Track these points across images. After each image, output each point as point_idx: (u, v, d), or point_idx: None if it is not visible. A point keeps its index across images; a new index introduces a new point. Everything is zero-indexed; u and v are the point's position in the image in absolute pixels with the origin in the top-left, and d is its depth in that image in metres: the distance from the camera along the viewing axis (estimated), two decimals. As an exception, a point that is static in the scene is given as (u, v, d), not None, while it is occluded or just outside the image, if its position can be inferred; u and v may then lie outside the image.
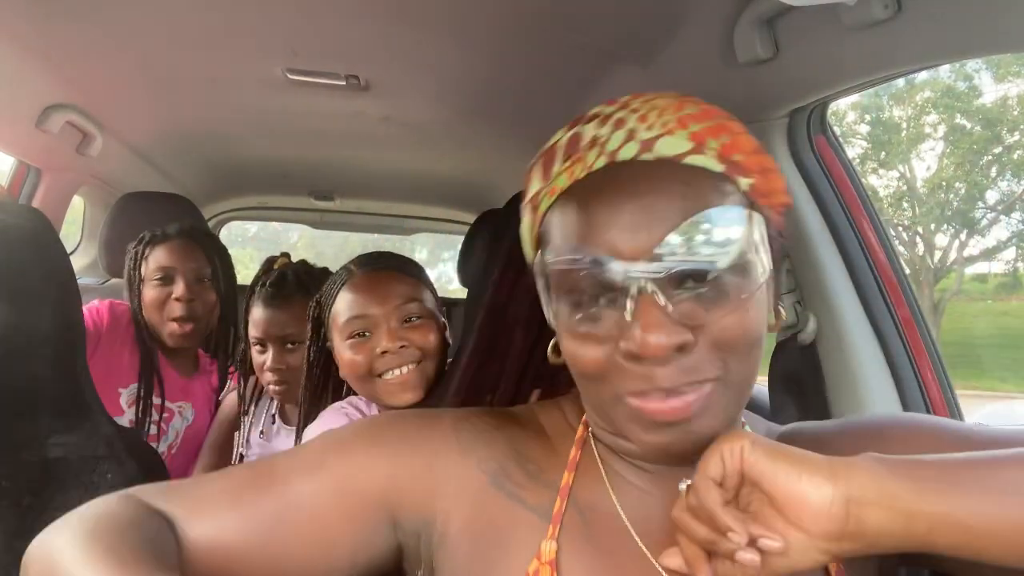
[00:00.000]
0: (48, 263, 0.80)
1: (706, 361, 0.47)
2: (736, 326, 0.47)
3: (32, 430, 0.78)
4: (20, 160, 1.73)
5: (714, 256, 0.46)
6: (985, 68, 11.79)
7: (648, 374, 0.46)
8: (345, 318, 1.03)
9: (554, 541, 0.52)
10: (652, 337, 0.45)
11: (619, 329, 0.47)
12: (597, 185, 0.49)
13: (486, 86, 1.45)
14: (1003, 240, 13.16)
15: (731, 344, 0.47)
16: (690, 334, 0.46)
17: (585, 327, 0.49)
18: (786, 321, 1.16)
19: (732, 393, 0.49)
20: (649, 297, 0.45)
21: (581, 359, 0.50)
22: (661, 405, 0.47)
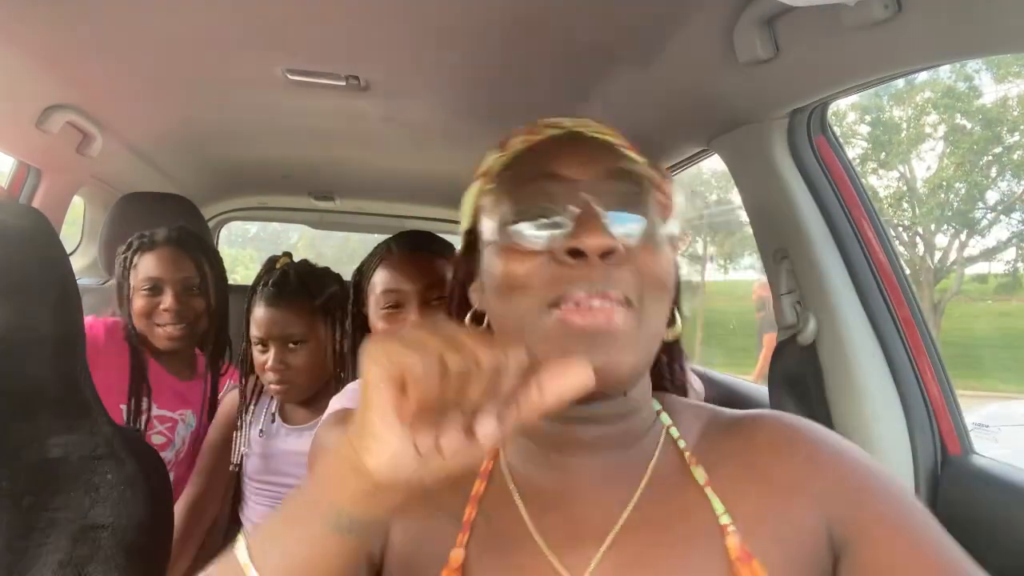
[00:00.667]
0: (48, 263, 0.80)
1: (627, 281, 0.52)
2: (653, 261, 0.54)
3: (32, 430, 0.78)
4: (20, 160, 1.73)
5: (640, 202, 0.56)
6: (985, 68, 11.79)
7: (581, 274, 0.51)
8: (380, 290, 1.14)
9: (462, 548, 0.55)
10: (593, 237, 0.51)
11: (557, 241, 0.53)
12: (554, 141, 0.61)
13: (486, 86, 1.45)
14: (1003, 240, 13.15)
15: (648, 274, 0.53)
16: (621, 245, 0.52)
17: (525, 241, 0.54)
18: (786, 321, 1.17)
19: (644, 333, 0.53)
20: (591, 207, 0.53)
21: (513, 272, 0.54)
22: (582, 314, 0.51)
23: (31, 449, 0.77)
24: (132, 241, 1.47)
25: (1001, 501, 0.89)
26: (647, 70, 1.19)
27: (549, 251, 0.53)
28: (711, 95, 1.13)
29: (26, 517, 0.74)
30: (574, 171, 0.56)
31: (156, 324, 1.44)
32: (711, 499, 0.54)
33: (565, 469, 0.57)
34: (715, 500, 0.54)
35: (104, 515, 0.77)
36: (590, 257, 0.51)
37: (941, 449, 1.02)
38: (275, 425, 1.42)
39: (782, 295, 1.17)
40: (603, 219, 0.52)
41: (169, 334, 1.44)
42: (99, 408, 0.84)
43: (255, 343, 1.35)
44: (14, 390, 0.77)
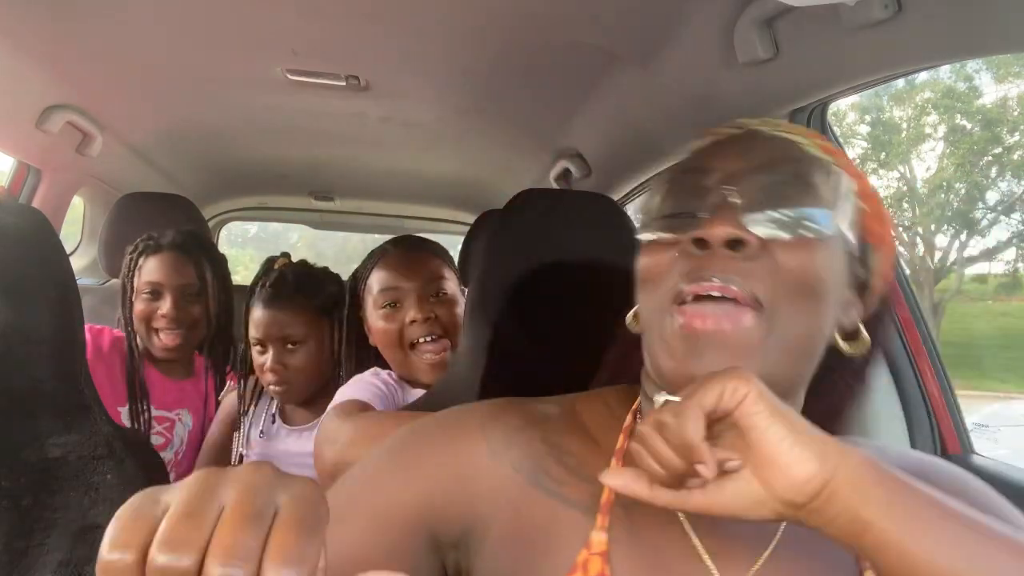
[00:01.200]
0: (48, 263, 0.80)
1: (759, 277, 0.48)
2: (797, 259, 0.49)
3: (31, 430, 0.78)
4: (20, 160, 1.73)
5: (795, 193, 0.50)
6: (985, 68, 11.79)
7: (701, 265, 0.49)
8: (378, 290, 1.16)
9: (604, 532, 0.51)
10: (718, 225, 0.48)
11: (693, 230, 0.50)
12: (719, 140, 0.58)
13: (486, 86, 1.45)
14: (1003, 240, 13.15)
15: (788, 274, 0.49)
16: (753, 237, 0.48)
17: (662, 233, 0.52)
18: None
19: (775, 343, 0.49)
20: (728, 201, 0.50)
21: (648, 265, 0.53)
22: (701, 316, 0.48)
23: (31, 449, 0.77)
24: (139, 243, 1.47)
25: (1001, 501, 0.89)
26: (647, 70, 1.19)
27: (681, 245, 0.51)
28: (711, 95, 1.13)
29: (26, 517, 0.74)
30: (723, 163, 0.53)
31: (154, 329, 1.44)
32: None
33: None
34: None
35: (104, 515, 0.77)
36: (715, 247, 0.48)
37: (941, 449, 1.02)
38: (275, 426, 1.42)
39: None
40: (738, 209, 0.49)
41: (165, 343, 1.44)
42: (99, 408, 0.84)
43: (254, 344, 1.35)
44: (14, 390, 0.77)
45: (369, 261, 1.21)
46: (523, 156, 1.97)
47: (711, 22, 0.97)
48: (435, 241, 1.26)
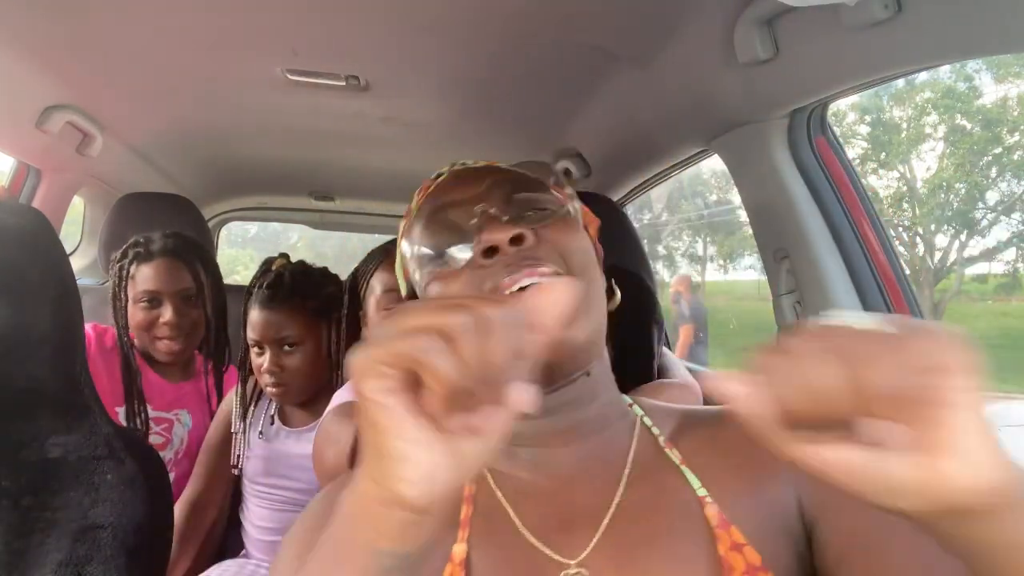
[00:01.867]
0: (48, 263, 0.80)
1: (547, 257, 0.55)
2: (566, 236, 0.58)
3: (31, 430, 0.78)
4: (20, 160, 1.73)
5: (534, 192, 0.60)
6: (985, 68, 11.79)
7: (500, 266, 0.54)
8: (381, 291, 1.15)
9: (464, 544, 0.56)
10: (495, 232, 0.55)
11: (471, 251, 0.56)
12: (441, 183, 0.65)
13: (486, 86, 1.45)
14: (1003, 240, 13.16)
15: (565, 247, 0.57)
16: (527, 230, 0.55)
17: (445, 266, 0.58)
18: (786, 321, 1.17)
19: (588, 303, 0.56)
20: (487, 211, 0.57)
21: (447, 293, 0.58)
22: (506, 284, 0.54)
23: (31, 449, 0.77)
24: (127, 250, 1.45)
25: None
26: (647, 70, 1.19)
27: (470, 264, 0.56)
28: (711, 95, 1.13)
29: (26, 517, 0.74)
30: (465, 192, 0.61)
31: (156, 337, 1.44)
32: (687, 475, 0.57)
33: (544, 462, 0.59)
34: (691, 476, 0.57)
35: (104, 515, 0.77)
36: (502, 248, 0.55)
37: (941, 449, 1.02)
38: (274, 427, 1.42)
39: (782, 295, 1.17)
40: (500, 217, 0.56)
41: (169, 348, 1.45)
42: (99, 408, 0.84)
43: (251, 345, 1.35)
44: (14, 390, 0.77)
45: (372, 260, 1.20)
46: (523, 156, 1.96)
47: (711, 22, 0.97)
48: None
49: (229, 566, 1.38)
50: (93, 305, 1.76)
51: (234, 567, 1.37)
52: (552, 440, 0.59)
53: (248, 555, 1.44)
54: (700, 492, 0.56)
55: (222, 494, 1.47)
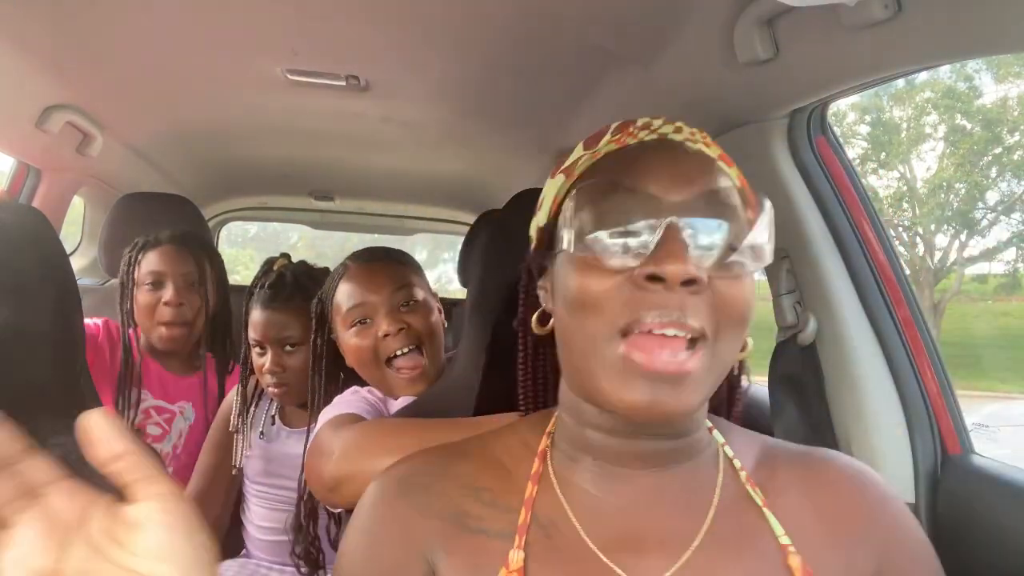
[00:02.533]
0: (48, 263, 0.80)
1: (704, 313, 0.50)
2: (736, 295, 0.51)
3: (31, 430, 0.78)
4: (20, 160, 1.73)
5: (730, 229, 0.52)
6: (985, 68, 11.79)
7: (660, 300, 0.49)
8: (346, 308, 1.10)
9: (521, 551, 0.53)
10: (676, 263, 0.48)
11: (636, 259, 0.50)
12: (646, 150, 0.56)
13: (486, 86, 1.44)
14: (1003, 240, 13.16)
15: (728, 308, 0.51)
16: (704, 275, 0.49)
17: (606, 257, 0.51)
18: (786, 321, 1.17)
19: (715, 369, 0.52)
20: (676, 230, 0.50)
21: (589, 289, 0.51)
22: (652, 352, 0.49)
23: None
24: (138, 241, 1.51)
25: (1001, 501, 0.89)
26: (647, 70, 1.19)
27: (627, 272, 0.50)
28: (711, 95, 1.13)
29: (26, 517, 0.74)
30: (663, 188, 0.52)
31: (157, 322, 1.47)
32: (770, 520, 0.55)
33: (629, 481, 0.57)
34: (774, 521, 0.55)
35: (104, 515, 0.77)
36: (670, 283, 0.49)
37: (941, 449, 1.02)
38: (275, 428, 1.42)
39: (782, 295, 1.17)
40: (688, 246, 0.50)
41: (170, 334, 1.47)
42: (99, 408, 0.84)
43: (253, 345, 1.35)
44: (14, 390, 0.77)
45: (331, 280, 1.16)
46: (523, 156, 1.96)
47: (711, 22, 0.97)
48: (397, 249, 1.21)
49: (230, 566, 1.38)
50: (93, 305, 1.76)
51: (235, 567, 1.37)
52: (629, 461, 0.57)
53: (249, 555, 1.44)
54: (783, 540, 0.54)
55: (223, 493, 1.47)
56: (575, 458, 0.59)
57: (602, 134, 0.59)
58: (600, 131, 0.59)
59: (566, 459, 0.59)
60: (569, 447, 0.59)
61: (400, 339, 1.06)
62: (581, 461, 0.58)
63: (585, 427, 0.57)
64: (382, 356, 1.07)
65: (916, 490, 0.99)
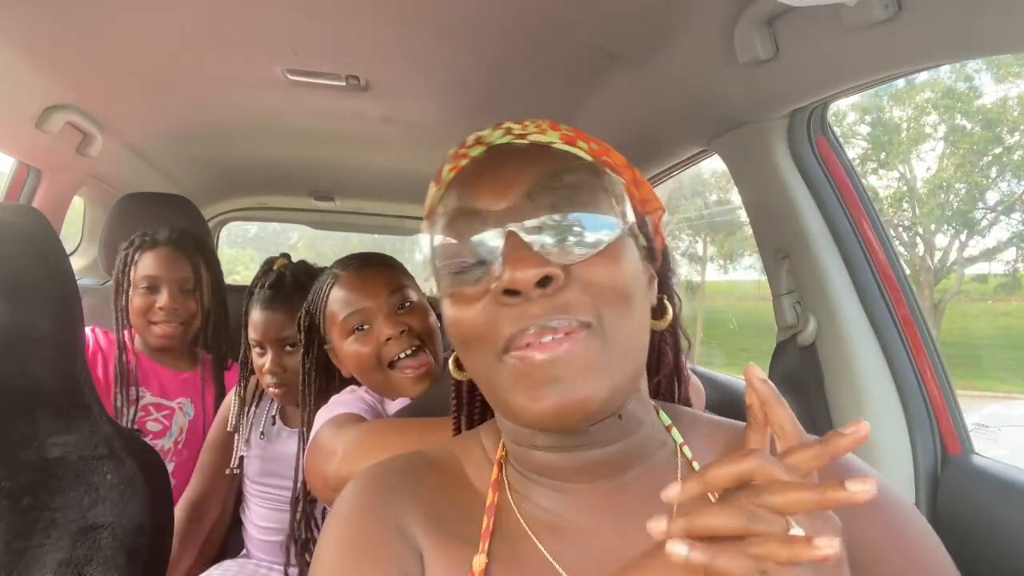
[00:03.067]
0: (48, 263, 0.80)
1: (577, 303, 0.49)
2: (604, 272, 0.50)
3: (31, 430, 0.78)
4: (20, 160, 1.73)
5: (574, 208, 0.51)
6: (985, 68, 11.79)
7: (521, 313, 0.48)
8: (342, 316, 1.08)
9: (484, 555, 0.53)
10: (519, 270, 0.47)
11: (492, 279, 0.49)
12: (474, 167, 0.56)
13: (486, 86, 1.44)
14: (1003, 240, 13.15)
15: (600, 288, 0.49)
16: (557, 269, 0.48)
17: (463, 287, 0.51)
18: (786, 321, 1.17)
19: (612, 352, 0.49)
20: (515, 237, 0.49)
21: (462, 322, 0.52)
22: (536, 349, 0.48)
23: (31, 449, 0.77)
24: (134, 239, 1.52)
25: (1001, 501, 0.89)
26: (647, 70, 1.19)
27: (490, 295, 0.50)
28: (711, 95, 1.13)
29: (26, 517, 0.74)
30: (493, 199, 0.52)
31: (151, 322, 1.49)
32: None
33: (571, 495, 0.56)
34: None
35: (104, 515, 0.77)
36: (526, 291, 0.48)
37: (941, 448, 1.02)
38: (275, 427, 1.42)
39: (782, 295, 1.17)
40: (527, 245, 0.48)
41: (164, 332, 1.49)
42: (99, 408, 0.84)
43: (253, 345, 1.35)
44: (14, 390, 0.77)
45: (319, 291, 1.13)
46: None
47: (711, 22, 0.97)
48: (383, 253, 1.19)
49: (230, 566, 1.38)
50: (93, 305, 1.76)
51: (235, 567, 1.37)
52: (577, 475, 0.55)
53: (249, 555, 1.44)
54: None
55: (223, 494, 1.47)
56: (527, 476, 0.58)
57: (441, 167, 0.60)
58: (440, 166, 0.61)
59: (518, 475, 0.59)
60: (519, 465, 0.59)
61: (402, 341, 1.06)
62: (532, 479, 0.58)
63: (527, 448, 0.57)
64: (384, 360, 1.06)
65: (916, 490, 0.99)
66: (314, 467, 0.95)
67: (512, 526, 0.56)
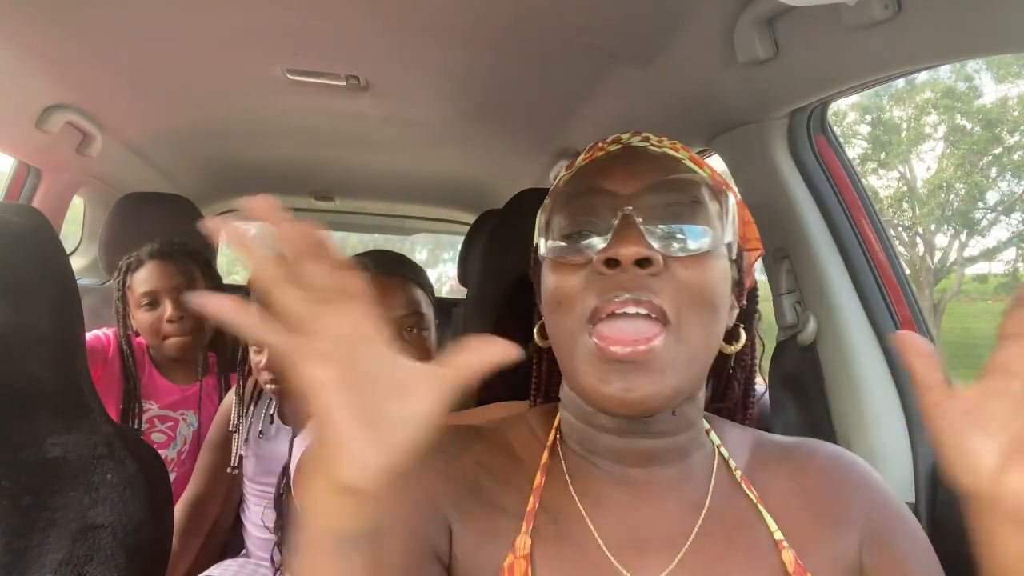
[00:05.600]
0: (47, 263, 0.80)
1: (665, 292, 0.53)
2: (696, 275, 0.54)
3: (31, 430, 0.78)
4: (20, 160, 1.73)
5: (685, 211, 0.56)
6: (985, 69, 11.80)
7: (614, 283, 0.52)
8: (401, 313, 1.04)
9: (528, 536, 0.55)
10: (624, 246, 0.52)
11: (597, 252, 0.54)
12: (608, 157, 0.62)
13: (486, 86, 1.45)
14: (1003, 240, 13.15)
15: (689, 288, 0.54)
16: (658, 255, 0.53)
17: (568, 255, 0.56)
18: (786, 321, 1.17)
19: (683, 353, 0.53)
20: (629, 218, 0.54)
21: (558, 286, 0.56)
22: (620, 337, 0.52)
23: (31, 449, 0.77)
24: (121, 264, 1.54)
25: (1001, 501, 0.89)
26: (647, 70, 1.19)
27: (590, 264, 0.54)
28: (711, 95, 1.13)
29: (26, 517, 0.74)
30: (619, 184, 0.57)
31: (164, 336, 1.50)
32: (764, 516, 0.57)
33: (629, 480, 0.59)
34: (768, 517, 0.57)
35: (104, 515, 0.77)
36: (625, 265, 0.52)
37: (941, 449, 1.02)
38: (273, 427, 1.42)
39: (782, 295, 1.17)
40: (639, 229, 0.53)
41: (178, 344, 1.50)
42: (99, 408, 0.84)
43: (250, 344, 1.35)
44: (14, 390, 0.77)
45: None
46: (523, 156, 1.96)
47: (711, 22, 0.97)
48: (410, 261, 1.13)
49: (229, 565, 1.38)
50: (93, 305, 1.77)
51: (234, 567, 1.37)
52: (632, 459, 0.59)
53: (249, 554, 1.44)
54: (777, 535, 0.56)
55: (222, 493, 1.47)
56: (583, 455, 0.61)
57: (576, 156, 0.66)
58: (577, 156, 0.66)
59: (575, 455, 0.61)
60: (578, 445, 0.61)
61: None
62: (589, 458, 0.60)
63: (590, 427, 0.60)
64: None
65: (916, 490, 0.99)
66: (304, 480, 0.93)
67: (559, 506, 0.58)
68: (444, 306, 1.20)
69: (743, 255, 0.63)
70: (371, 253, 1.13)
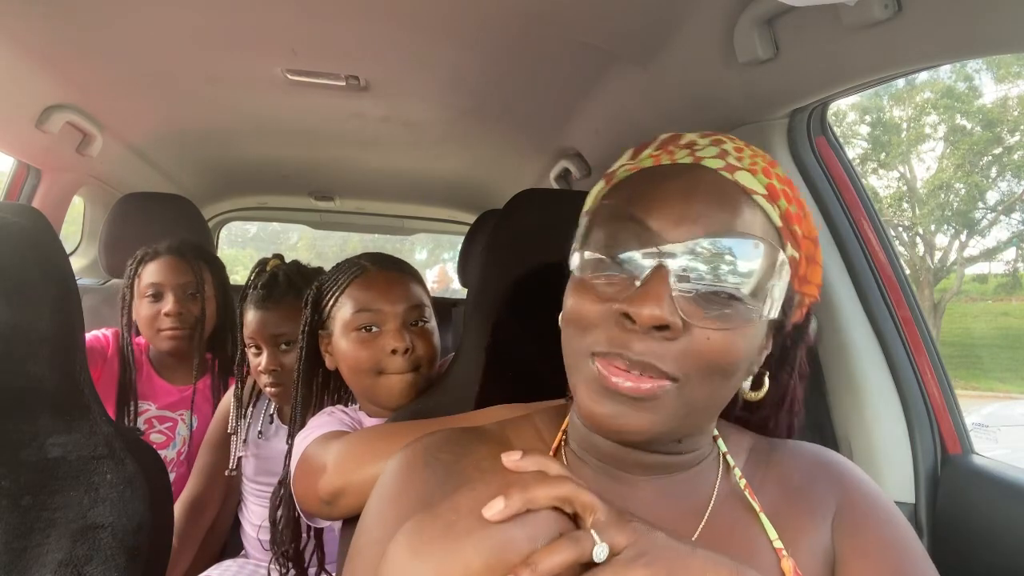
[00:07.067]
0: (47, 263, 0.80)
1: (675, 358, 0.50)
2: (717, 347, 0.50)
3: (31, 430, 0.78)
4: (20, 160, 1.73)
5: (731, 277, 0.51)
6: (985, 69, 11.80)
7: (625, 340, 0.50)
8: (354, 310, 1.03)
9: None
10: (647, 307, 0.49)
11: (623, 292, 0.51)
12: (675, 173, 0.55)
13: (486, 86, 1.45)
14: (1003, 240, 13.15)
15: (706, 359, 0.51)
16: (678, 321, 0.49)
17: (596, 284, 0.53)
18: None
19: (684, 409, 0.52)
20: (663, 272, 0.50)
21: (578, 309, 0.54)
22: (621, 376, 0.51)
23: (30, 449, 0.77)
24: (138, 253, 1.55)
25: (1000, 501, 0.89)
26: (647, 70, 1.19)
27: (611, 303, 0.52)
28: (711, 95, 1.13)
29: (25, 517, 0.74)
30: (666, 224, 0.51)
31: (159, 330, 1.51)
32: (765, 524, 0.57)
33: (630, 485, 0.59)
34: (769, 526, 0.57)
35: (104, 515, 0.77)
36: (640, 327, 0.49)
37: (941, 448, 1.02)
38: (273, 427, 1.42)
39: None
40: (669, 287, 0.49)
41: (171, 336, 1.50)
42: (99, 408, 0.84)
43: (249, 345, 1.35)
44: (14, 390, 0.77)
45: (340, 276, 1.08)
46: (523, 156, 1.97)
47: (711, 22, 0.97)
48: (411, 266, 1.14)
49: (229, 566, 1.38)
50: (93, 305, 1.77)
51: (234, 567, 1.37)
52: (632, 467, 0.59)
53: (248, 555, 1.44)
54: (777, 544, 0.56)
55: (221, 493, 1.47)
56: (583, 458, 0.61)
57: (648, 144, 0.60)
58: (649, 141, 0.61)
59: (575, 458, 0.62)
60: (579, 447, 0.62)
61: (404, 361, 1.02)
62: (588, 462, 0.61)
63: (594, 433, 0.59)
64: (377, 369, 1.03)
65: (916, 490, 0.99)
66: (303, 485, 0.92)
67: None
68: (444, 306, 1.20)
69: (794, 298, 0.58)
70: (367, 255, 1.12)
